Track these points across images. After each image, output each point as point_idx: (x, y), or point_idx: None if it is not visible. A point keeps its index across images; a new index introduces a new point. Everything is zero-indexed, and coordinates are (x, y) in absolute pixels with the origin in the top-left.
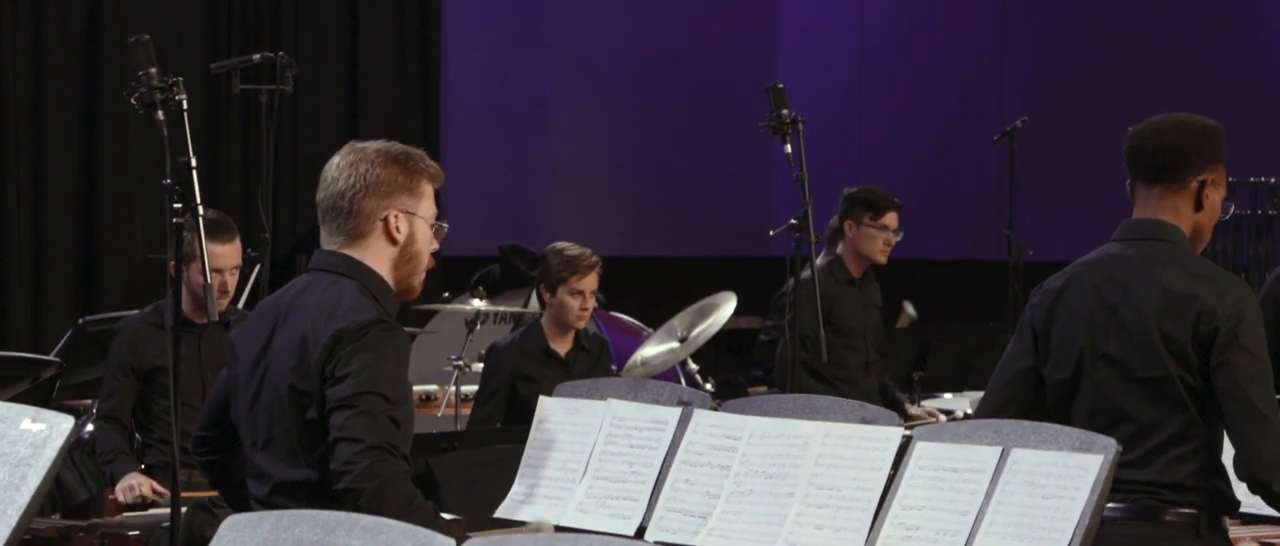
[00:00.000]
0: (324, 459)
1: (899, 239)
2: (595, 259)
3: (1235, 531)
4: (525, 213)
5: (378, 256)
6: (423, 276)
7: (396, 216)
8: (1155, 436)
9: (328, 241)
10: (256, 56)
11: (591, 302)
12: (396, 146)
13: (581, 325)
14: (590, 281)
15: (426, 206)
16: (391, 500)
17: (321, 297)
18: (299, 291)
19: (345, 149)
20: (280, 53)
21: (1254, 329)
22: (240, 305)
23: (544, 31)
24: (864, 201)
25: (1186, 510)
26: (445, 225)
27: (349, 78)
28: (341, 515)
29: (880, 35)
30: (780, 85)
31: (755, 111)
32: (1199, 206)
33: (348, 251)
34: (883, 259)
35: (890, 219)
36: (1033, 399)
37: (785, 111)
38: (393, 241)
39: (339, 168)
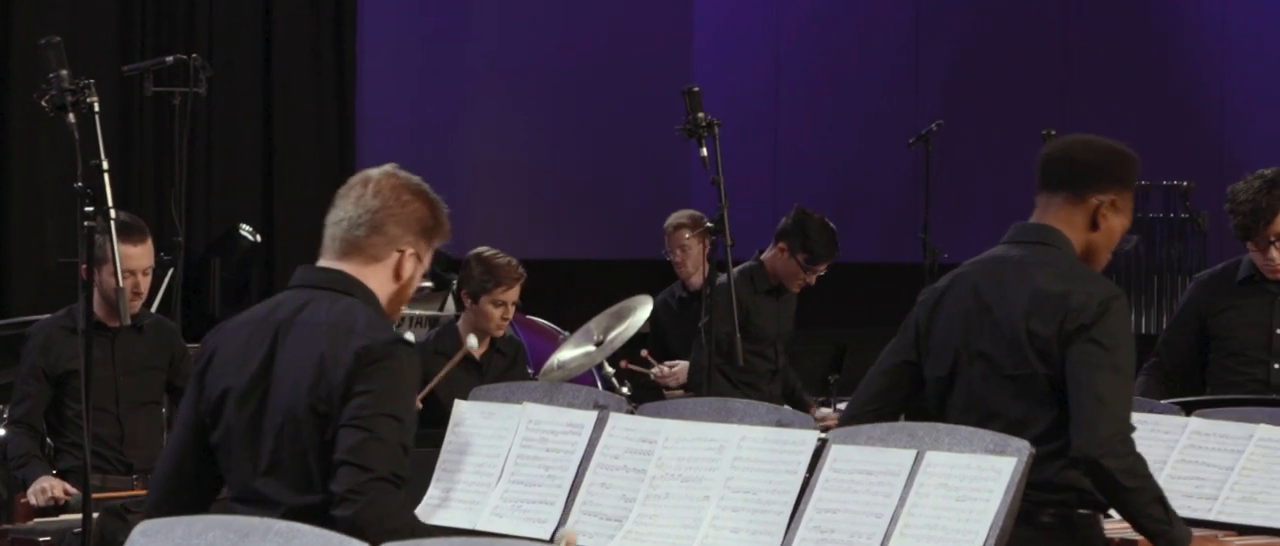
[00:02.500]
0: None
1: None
2: (521, 271)
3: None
4: None
5: (378, 285)
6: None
7: (410, 255)
8: (1024, 433)
9: (331, 250)
10: (169, 58)
11: (511, 313)
12: (430, 189)
13: (500, 334)
14: (514, 294)
15: (428, 259)
16: (391, 536)
17: (331, 315)
18: (298, 307)
19: (387, 169)
20: (194, 55)
21: (1113, 327)
22: (153, 309)
23: (460, 34)
24: (806, 243)
25: (1057, 510)
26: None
27: (263, 80)
28: (255, 520)
29: (796, 38)
30: (696, 89)
31: (671, 114)
32: (1094, 226)
33: (348, 268)
34: (796, 291)
35: (823, 267)
36: (905, 393)
37: (701, 115)
38: (397, 277)
39: (378, 184)
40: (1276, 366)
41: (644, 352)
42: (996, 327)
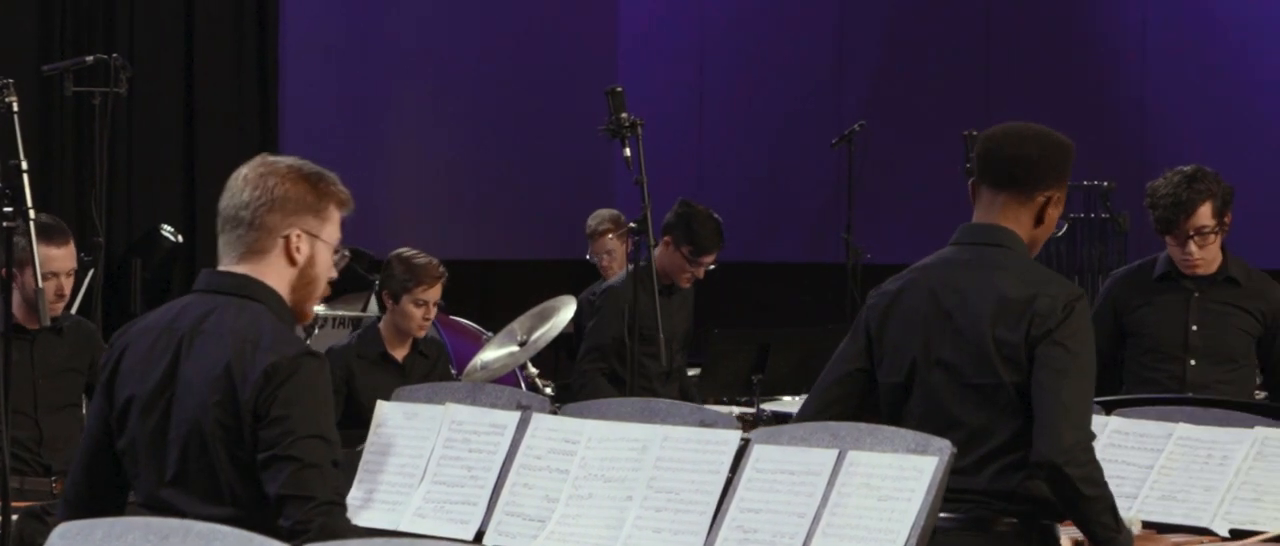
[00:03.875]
0: (248, 495)
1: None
2: (442, 270)
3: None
4: (364, 215)
5: (277, 276)
6: (316, 302)
7: (299, 236)
8: (986, 443)
9: (226, 254)
10: (90, 58)
11: (433, 313)
12: (309, 165)
13: (422, 334)
14: (435, 292)
15: (330, 231)
16: None
17: (236, 324)
18: (200, 316)
19: (256, 161)
20: (114, 54)
21: (1077, 330)
22: (73, 310)
23: (383, 32)
24: (690, 235)
25: (1015, 520)
26: (347, 253)
27: (184, 79)
28: (175, 522)
29: (720, 39)
30: (619, 89)
31: (594, 114)
32: (1039, 221)
33: (245, 269)
34: (685, 286)
35: (709, 258)
36: (859, 402)
37: (624, 115)
38: (292, 262)
39: (246, 178)
40: (1193, 363)
41: None
42: (959, 335)
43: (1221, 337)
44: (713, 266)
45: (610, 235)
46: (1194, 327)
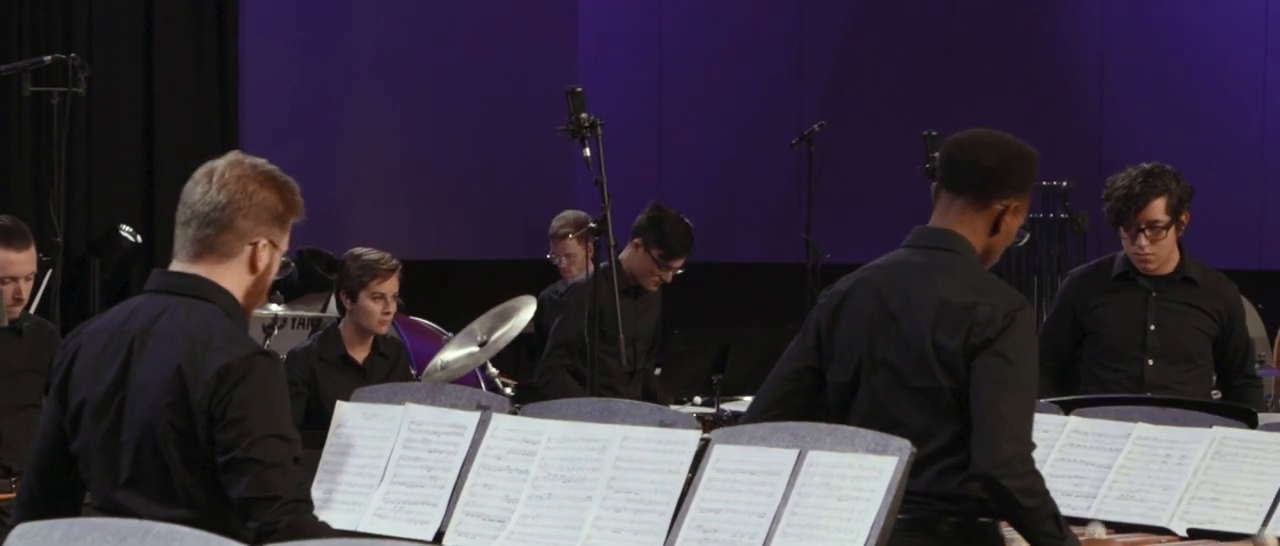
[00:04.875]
0: (204, 496)
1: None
2: (396, 262)
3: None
4: (324, 216)
5: (234, 279)
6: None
7: (265, 245)
8: (927, 445)
9: (182, 249)
10: (48, 58)
11: (393, 307)
12: (279, 172)
13: (383, 330)
14: (391, 285)
15: (285, 241)
16: None
17: (187, 325)
18: (152, 317)
19: (231, 159)
20: (72, 54)
21: (1018, 340)
22: (31, 310)
23: (343, 32)
24: (661, 238)
25: (957, 520)
26: (291, 263)
27: (143, 79)
28: (134, 523)
29: (680, 38)
30: (579, 89)
31: (554, 114)
32: (995, 230)
33: (199, 269)
34: (652, 289)
35: (678, 262)
36: (806, 400)
37: (584, 115)
38: (253, 269)
39: (222, 178)
40: (1151, 363)
41: None
42: (902, 338)
43: (1179, 337)
44: (681, 271)
45: (571, 238)
46: (1152, 327)
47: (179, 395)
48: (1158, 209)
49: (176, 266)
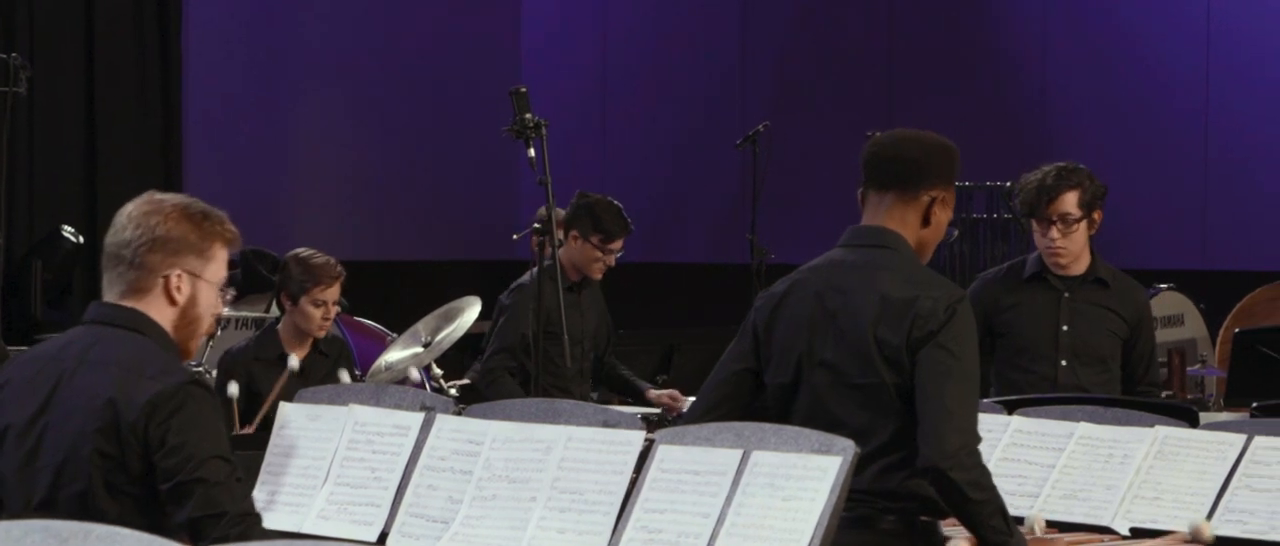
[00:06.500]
0: (119, 524)
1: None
2: (340, 269)
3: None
4: (267, 216)
5: (159, 313)
6: (201, 340)
7: (179, 277)
8: (869, 443)
9: (109, 290)
10: None
11: (334, 312)
12: (197, 204)
13: (322, 335)
14: (334, 292)
15: (214, 269)
16: None
17: (119, 355)
18: (84, 347)
19: (143, 198)
20: (13, 54)
21: (960, 332)
22: None
23: (286, 32)
24: (596, 224)
25: (897, 518)
26: (233, 291)
27: (85, 79)
28: (74, 525)
29: (624, 38)
30: (523, 89)
31: (499, 115)
32: (926, 222)
33: (130, 303)
34: (598, 277)
35: (619, 244)
36: (746, 401)
37: (528, 115)
38: (172, 302)
39: (130, 216)
40: (1063, 363)
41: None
42: (842, 336)
43: (1091, 339)
44: (622, 252)
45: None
46: (1064, 328)
47: (109, 422)
48: (1070, 201)
49: (109, 300)
